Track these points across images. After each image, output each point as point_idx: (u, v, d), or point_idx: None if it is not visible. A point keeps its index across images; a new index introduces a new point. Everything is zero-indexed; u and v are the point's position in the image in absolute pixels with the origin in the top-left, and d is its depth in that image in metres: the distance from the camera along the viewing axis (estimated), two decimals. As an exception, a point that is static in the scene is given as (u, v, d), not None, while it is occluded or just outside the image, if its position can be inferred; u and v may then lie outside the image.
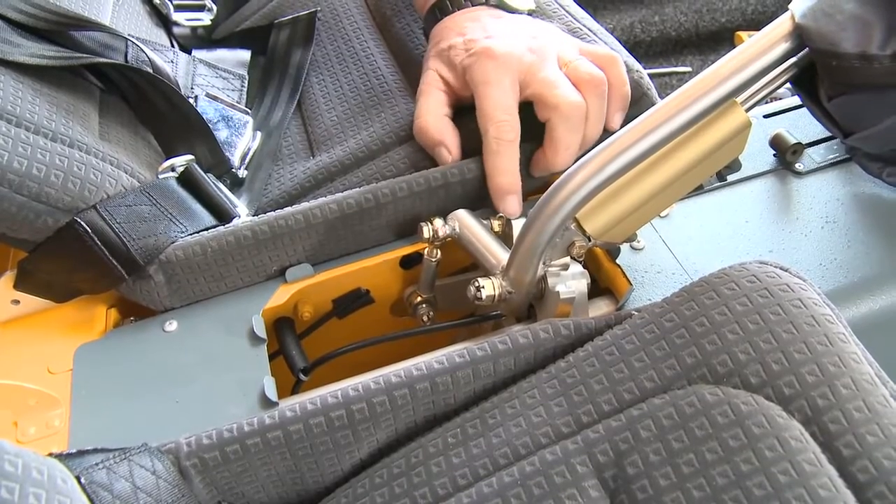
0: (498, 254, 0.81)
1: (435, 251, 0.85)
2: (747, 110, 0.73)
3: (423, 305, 0.91)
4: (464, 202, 0.90)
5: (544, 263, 0.75)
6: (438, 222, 0.84)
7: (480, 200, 0.90)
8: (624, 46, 0.97)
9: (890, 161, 0.90)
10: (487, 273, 0.80)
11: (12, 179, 0.77)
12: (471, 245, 0.84)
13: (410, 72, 1.07)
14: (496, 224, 0.85)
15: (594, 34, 0.97)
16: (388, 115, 1.02)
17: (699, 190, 0.79)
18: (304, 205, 0.86)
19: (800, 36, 0.71)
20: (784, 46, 0.71)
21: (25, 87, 0.83)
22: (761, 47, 0.71)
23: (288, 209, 0.85)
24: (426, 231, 0.83)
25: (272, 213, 0.85)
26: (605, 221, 0.74)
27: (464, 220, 0.85)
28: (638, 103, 0.92)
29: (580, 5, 1.04)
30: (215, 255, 0.83)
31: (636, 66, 0.93)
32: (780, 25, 0.72)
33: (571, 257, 0.77)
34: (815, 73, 0.75)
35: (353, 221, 0.86)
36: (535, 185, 0.93)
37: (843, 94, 0.72)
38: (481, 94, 0.87)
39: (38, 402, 0.77)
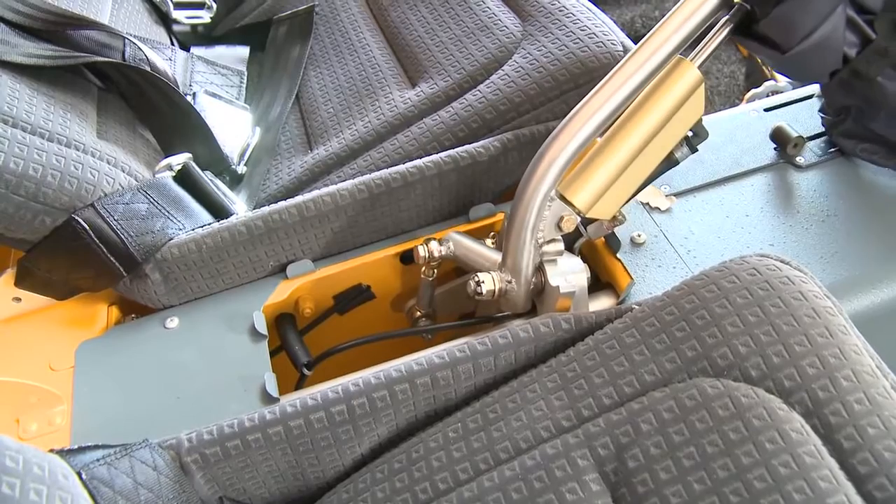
0: (493, 257, 0.81)
1: (431, 270, 0.85)
2: (699, 66, 0.76)
3: (423, 320, 0.91)
4: (459, 190, 0.90)
5: (538, 243, 0.75)
6: (434, 244, 0.84)
7: (475, 190, 0.91)
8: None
9: (861, 138, 0.92)
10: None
11: (9, 180, 0.77)
12: (467, 259, 0.84)
13: (405, 58, 1.08)
14: (489, 242, 0.86)
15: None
16: (382, 103, 1.02)
17: (675, 164, 0.80)
18: (298, 198, 0.85)
19: None
20: None
21: (23, 88, 0.83)
22: (697, 1, 0.75)
23: (282, 203, 0.85)
24: (422, 251, 0.83)
25: (267, 207, 0.85)
26: (587, 192, 0.75)
27: (458, 240, 0.85)
28: None
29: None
30: (210, 251, 0.83)
31: (632, 45, 0.93)
32: None
33: (568, 249, 0.77)
34: (750, 20, 0.78)
35: (347, 213, 0.86)
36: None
37: (776, 5, 0.75)
38: None
39: (40, 398, 0.77)
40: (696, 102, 0.76)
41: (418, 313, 0.91)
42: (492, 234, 0.87)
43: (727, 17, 0.77)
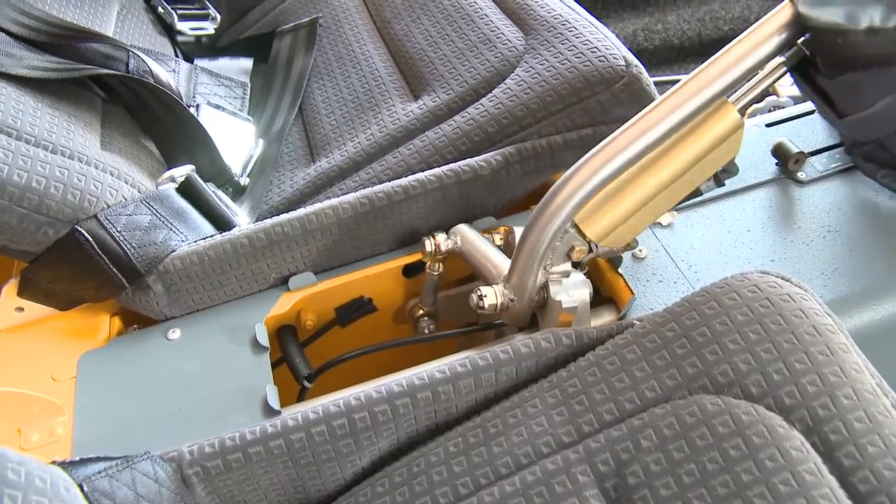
0: (500, 264, 0.81)
1: (437, 265, 0.85)
2: (740, 111, 0.74)
3: (426, 318, 0.91)
4: (461, 204, 0.90)
5: (545, 269, 0.75)
6: (441, 237, 0.84)
7: (477, 203, 0.91)
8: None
9: (883, 163, 0.91)
10: (489, 283, 0.80)
11: (12, 192, 0.77)
12: (472, 258, 0.84)
13: (408, 71, 1.08)
14: (497, 238, 0.86)
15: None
16: (384, 116, 1.02)
17: (698, 195, 0.79)
18: (301, 211, 0.86)
19: (798, 23, 0.72)
20: (777, 40, 0.72)
21: (27, 100, 0.84)
22: (755, 42, 0.72)
23: (285, 216, 0.85)
24: (428, 245, 0.83)
25: (269, 220, 0.85)
26: (604, 225, 0.74)
27: (465, 235, 0.85)
28: (637, 98, 0.92)
29: (588, 11, 1.04)
30: (213, 263, 0.83)
31: (635, 60, 0.93)
32: (778, 16, 0.73)
33: (572, 264, 0.77)
34: (808, 63, 0.76)
35: (350, 226, 0.86)
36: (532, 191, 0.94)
37: (846, 73, 0.73)
38: None
39: (42, 409, 0.77)
40: (731, 144, 0.74)
41: (421, 311, 0.91)
42: (500, 230, 0.87)
43: (783, 58, 0.75)
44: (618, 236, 0.75)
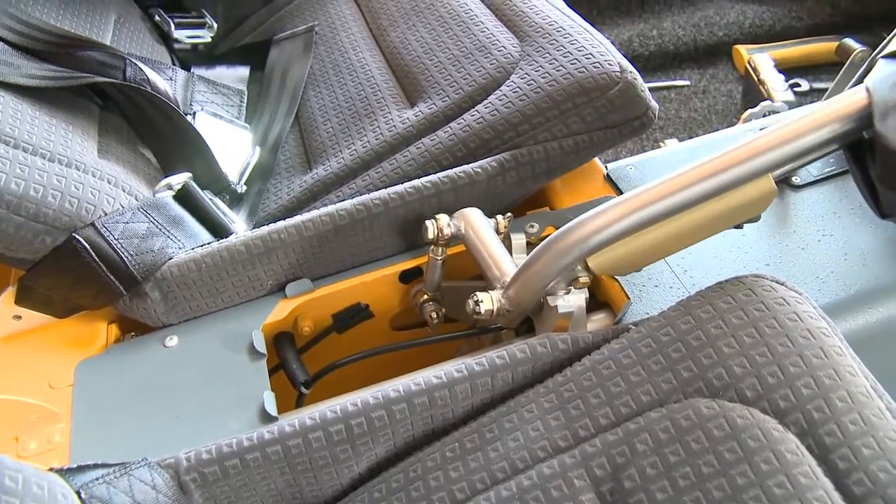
0: (502, 264, 0.80)
1: (440, 249, 0.85)
2: (776, 178, 0.71)
3: (430, 303, 0.90)
4: (457, 208, 0.89)
5: (546, 294, 0.75)
6: (444, 220, 0.83)
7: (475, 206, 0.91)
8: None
9: None
10: (489, 284, 0.80)
11: (10, 201, 0.77)
12: (475, 249, 0.83)
13: (404, 78, 1.08)
14: (503, 223, 0.85)
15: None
16: (381, 123, 1.03)
17: None
18: (297, 218, 0.86)
19: (868, 118, 0.67)
20: (837, 128, 0.69)
21: (24, 109, 0.84)
22: (814, 124, 0.68)
23: (281, 223, 0.86)
24: (431, 229, 0.83)
25: (265, 227, 0.86)
26: (612, 262, 0.73)
27: (470, 220, 0.85)
28: (631, 103, 0.92)
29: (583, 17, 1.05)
30: (210, 270, 0.83)
31: (629, 66, 0.93)
32: (846, 102, 0.69)
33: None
34: (865, 144, 0.71)
35: (346, 233, 0.86)
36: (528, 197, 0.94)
37: None
38: None
39: (39, 417, 0.78)
40: (759, 205, 0.71)
41: (424, 296, 0.91)
42: (508, 214, 0.87)
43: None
44: (622, 270, 0.75)
